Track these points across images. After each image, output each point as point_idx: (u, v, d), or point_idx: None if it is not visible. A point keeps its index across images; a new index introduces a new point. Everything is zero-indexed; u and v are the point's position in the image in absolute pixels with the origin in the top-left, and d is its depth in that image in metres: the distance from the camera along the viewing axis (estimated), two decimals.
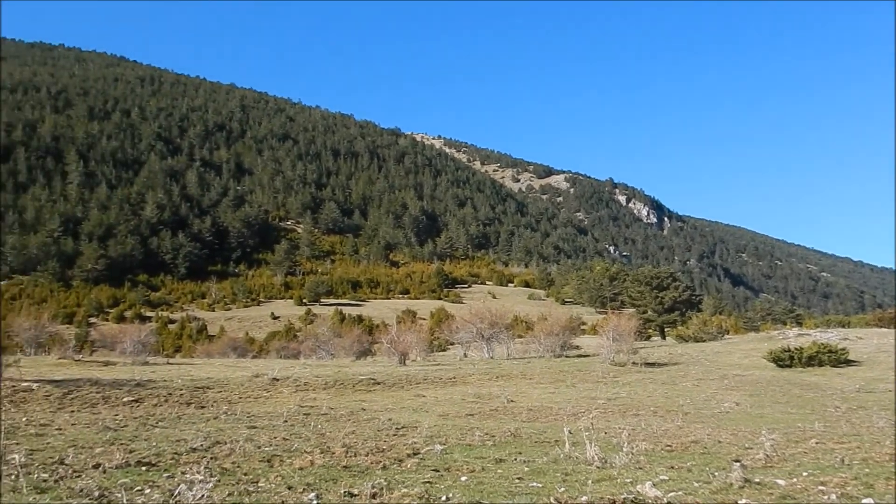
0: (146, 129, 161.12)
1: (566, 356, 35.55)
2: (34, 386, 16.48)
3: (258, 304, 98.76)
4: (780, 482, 7.23)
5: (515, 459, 8.75)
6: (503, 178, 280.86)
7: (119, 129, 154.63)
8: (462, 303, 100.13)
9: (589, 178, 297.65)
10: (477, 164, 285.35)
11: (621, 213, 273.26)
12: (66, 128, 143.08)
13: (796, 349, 28.12)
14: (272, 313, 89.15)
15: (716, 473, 7.66)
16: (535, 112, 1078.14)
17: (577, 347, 41.88)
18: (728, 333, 57.84)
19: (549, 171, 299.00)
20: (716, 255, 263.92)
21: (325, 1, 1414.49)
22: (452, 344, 48.94)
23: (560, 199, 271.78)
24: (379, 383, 22.01)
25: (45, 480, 6.55)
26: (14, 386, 16.17)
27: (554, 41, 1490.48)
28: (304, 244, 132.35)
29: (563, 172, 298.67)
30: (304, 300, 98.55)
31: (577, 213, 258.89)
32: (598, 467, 8.02)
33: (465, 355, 40.67)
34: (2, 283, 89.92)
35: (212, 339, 70.16)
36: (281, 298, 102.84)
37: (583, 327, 64.67)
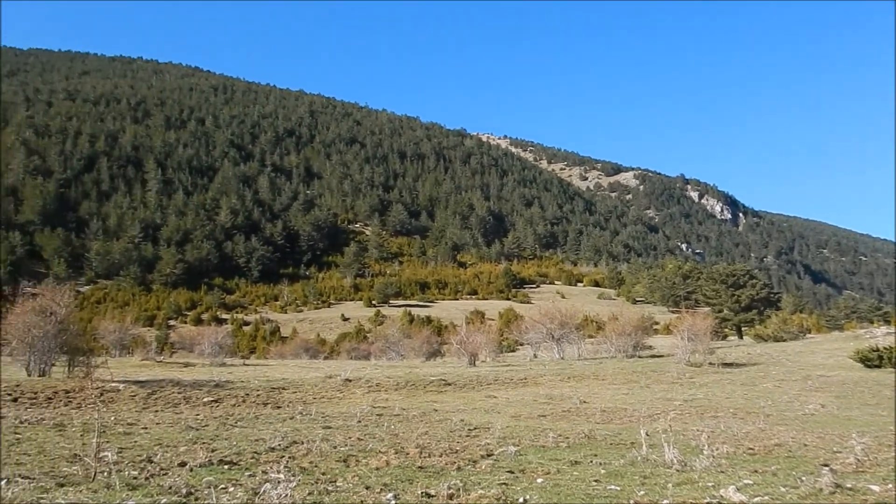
0: (220, 136, 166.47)
1: (639, 357, 34.86)
2: (121, 386, 17.19)
3: (329, 306, 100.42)
4: (874, 488, 6.88)
5: (591, 462, 8.60)
6: (570, 176, 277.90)
7: (194, 137, 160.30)
8: (531, 303, 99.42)
9: (659, 174, 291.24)
10: (543, 163, 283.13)
11: (693, 209, 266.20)
12: (145, 137, 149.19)
13: (885, 348, 26.75)
14: (342, 315, 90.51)
15: (803, 478, 7.33)
16: (603, 110, 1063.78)
17: (650, 348, 41.01)
18: (810, 332, 55.72)
19: (618, 169, 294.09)
20: (795, 251, 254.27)
21: (390, 2, 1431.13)
22: (522, 344, 48.67)
23: (629, 196, 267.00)
24: (450, 384, 22.05)
25: (135, 477, 6.81)
26: (102, 386, 16.91)
27: (619, 39, 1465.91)
28: (372, 246, 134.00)
29: (632, 169, 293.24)
30: (374, 301, 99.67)
31: (647, 211, 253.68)
32: (677, 470, 7.81)
33: (535, 356, 40.36)
34: (87, 287, 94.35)
35: (285, 340, 71.65)
36: (351, 300, 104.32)
37: (655, 327, 63.35)
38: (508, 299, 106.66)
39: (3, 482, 6.26)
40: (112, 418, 12.19)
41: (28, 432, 9.96)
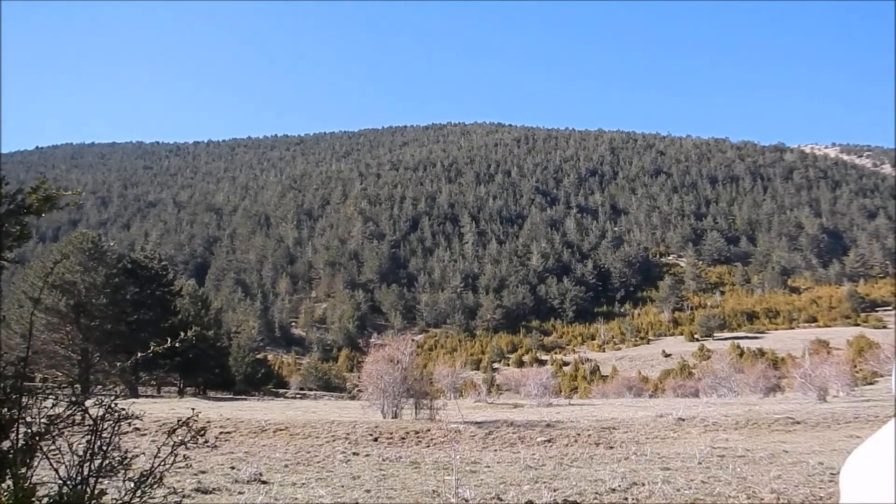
0: (525, 185, 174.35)
1: None
2: (460, 427, 18.25)
3: (647, 343, 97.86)
4: None
5: None
6: None
7: (502, 188, 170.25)
8: (886, 328, 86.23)
9: None
10: (886, 168, 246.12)
11: None
12: (458, 195, 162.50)
13: None
14: (663, 351, 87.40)
15: None
16: None
17: None
18: None
19: None
20: None
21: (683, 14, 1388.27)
22: (882, 376, 42.07)
23: None
24: (798, 423, 19.65)
25: None
26: (445, 427, 18.13)
27: None
28: (688, 278, 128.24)
29: None
30: (696, 335, 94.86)
31: None
32: None
33: None
34: (420, 336, 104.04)
35: (605, 379, 71.15)
36: (670, 335, 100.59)
37: None
38: (857, 325, 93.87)
39: None
40: (458, 457, 12.90)
41: (390, 469, 10.95)
